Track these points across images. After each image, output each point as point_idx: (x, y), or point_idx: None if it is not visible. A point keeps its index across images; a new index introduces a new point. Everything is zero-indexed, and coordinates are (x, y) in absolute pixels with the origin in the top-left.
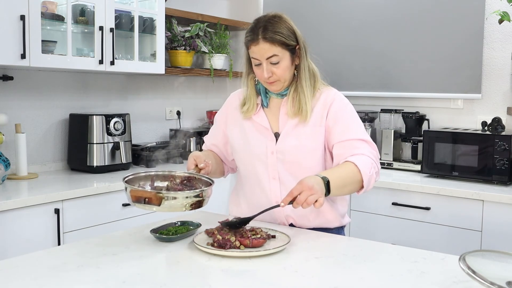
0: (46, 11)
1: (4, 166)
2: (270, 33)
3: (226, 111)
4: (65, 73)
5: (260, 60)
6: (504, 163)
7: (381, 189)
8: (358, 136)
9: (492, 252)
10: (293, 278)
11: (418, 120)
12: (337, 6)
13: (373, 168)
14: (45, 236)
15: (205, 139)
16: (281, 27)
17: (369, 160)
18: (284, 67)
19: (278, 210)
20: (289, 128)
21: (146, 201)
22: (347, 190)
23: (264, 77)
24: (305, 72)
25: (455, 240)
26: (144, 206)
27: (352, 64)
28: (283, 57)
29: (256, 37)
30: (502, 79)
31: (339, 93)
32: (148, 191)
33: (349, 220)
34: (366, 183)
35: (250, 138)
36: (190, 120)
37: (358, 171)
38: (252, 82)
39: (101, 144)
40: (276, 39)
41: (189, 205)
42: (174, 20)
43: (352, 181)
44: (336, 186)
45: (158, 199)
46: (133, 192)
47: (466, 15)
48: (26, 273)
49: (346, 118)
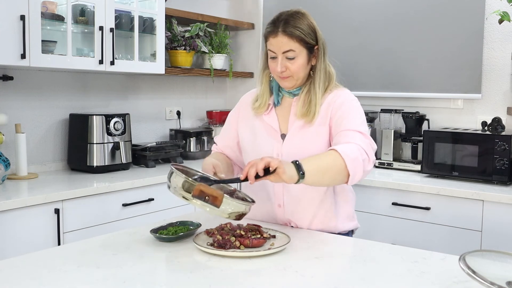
0: (46, 11)
1: (4, 166)
2: (291, 27)
3: (238, 109)
4: (65, 73)
5: (276, 53)
6: (504, 163)
7: (381, 189)
8: (352, 127)
9: (492, 252)
10: (293, 278)
11: (418, 120)
12: (337, 7)
13: (360, 155)
14: (45, 236)
15: (217, 140)
16: (302, 23)
17: (356, 147)
18: (299, 64)
19: (279, 212)
20: (295, 129)
21: (207, 199)
22: (328, 176)
23: (277, 71)
24: (320, 74)
25: (455, 240)
26: (201, 202)
27: (352, 64)
28: (300, 54)
29: (275, 30)
30: (502, 79)
31: (348, 92)
32: (219, 191)
33: (357, 226)
34: (351, 168)
35: (259, 139)
36: (190, 120)
37: (339, 155)
38: (267, 78)
39: (101, 144)
40: (295, 34)
41: (234, 215)
42: (174, 20)
43: (333, 165)
44: (311, 169)
45: (220, 202)
46: (202, 186)
47: (466, 15)
48: (26, 273)
49: (345, 110)
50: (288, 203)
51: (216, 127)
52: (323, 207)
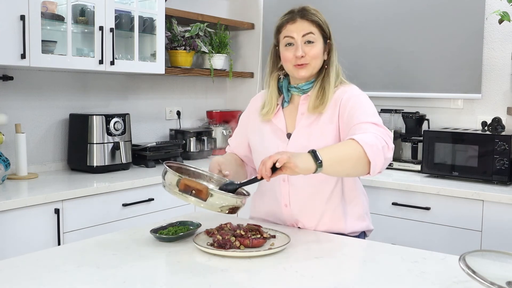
0: (46, 11)
1: (4, 166)
2: (309, 14)
3: (248, 114)
4: (65, 73)
5: (295, 38)
6: (504, 163)
7: (381, 189)
8: (364, 120)
9: (492, 252)
10: (293, 278)
11: (418, 120)
12: (337, 7)
13: (379, 142)
14: (45, 236)
15: (230, 141)
16: (318, 13)
17: (373, 135)
18: (317, 50)
19: (286, 211)
20: (301, 128)
21: (194, 193)
22: (348, 165)
23: (297, 55)
24: (334, 68)
25: (455, 240)
26: (187, 196)
27: (352, 64)
28: (318, 40)
29: (294, 16)
30: (502, 79)
31: (355, 88)
32: (203, 184)
33: (369, 227)
34: (371, 155)
35: (266, 140)
36: (190, 120)
37: (357, 143)
38: (275, 81)
39: (101, 144)
40: (315, 20)
41: (226, 208)
42: (174, 20)
43: (352, 153)
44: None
45: (206, 195)
46: (186, 181)
47: (466, 15)
48: (26, 273)
49: (353, 105)
50: (294, 202)
51: (216, 127)
52: (331, 207)
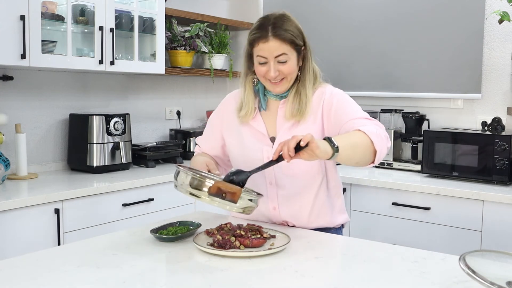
0: (46, 11)
1: (4, 166)
2: (281, 30)
3: (222, 114)
4: (65, 73)
5: (268, 59)
6: (504, 163)
7: (381, 189)
8: (355, 116)
9: (492, 252)
10: (293, 278)
11: (418, 120)
12: (337, 6)
13: (381, 132)
14: (45, 236)
15: (199, 142)
16: (290, 25)
17: (374, 127)
18: (291, 67)
19: (275, 214)
20: (285, 131)
21: (225, 196)
22: (359, 152)
23: (270, 76)
24: (309, 74)
25: (455, 240)
26: (219, 199)
27: (352, 64)
28: (291, 56)
29: (265, 34)
30: (502, 79)
31: (332, 87)
32: (238, 188)
33: (348, 219)
34: (377, 144)
35: (247, 144)
36: (190, 120)
37: (364, 133)
38: (251, 84)
39: (101, 144)
40: (287, 37)
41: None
42: (174, 20)
43: (361, 141)
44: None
45: (238, 197)
46: (220, 184)
47: (466, 15)
48: (26, 273)
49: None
50: (283, 204)
51: None
52: (318, 203)
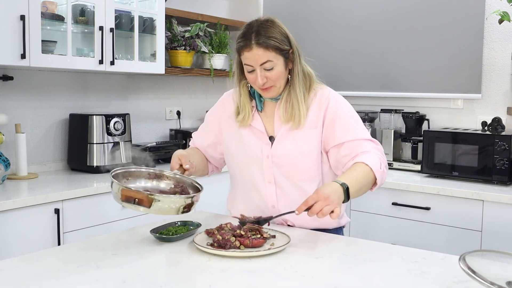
0: (46, 11)
1: (4, 166)
2: (264, 38)
3: (219, 115)
4: (65, 73)
5: (254, 67)
6: (504, 163)
7: (381, 189)
8: (361, 136)
9: (492, 252)
10: (293, 278)
11: (418, 120)
12: (337, 6)
13: (382, 163)
14: (45, 236)
15: (194, 136)
16: (274, 31)
17: (377, 156)
18: (278, 73)
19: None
20: (284, 131)
21: (136, 201)
22: (362, 191)
23: (258, 83)
24: (299, 77)
25: (455, 240)
26: (133, 206)
27: (352, 64)
28: (277, 62)
29: (249, 43)
30: (502, 79)
31: (334, 93)
32: (140, 192)
33: (348, 220)
34: (380, 180)
35: (246, 142)
36: (190, 120)
37: (370, 169)
38: (245, 88)
39: (101, 144)
40: (270, 44)
41: (178, 209)
42: (174, 20)
43: (367, 181)
44: (354, 191)
45: (149, 201)
46: (125, 191)
47: (466, 15)
48: (26, 273)
49: (345, 118)
50: (282, 203)
51: None
52: None
